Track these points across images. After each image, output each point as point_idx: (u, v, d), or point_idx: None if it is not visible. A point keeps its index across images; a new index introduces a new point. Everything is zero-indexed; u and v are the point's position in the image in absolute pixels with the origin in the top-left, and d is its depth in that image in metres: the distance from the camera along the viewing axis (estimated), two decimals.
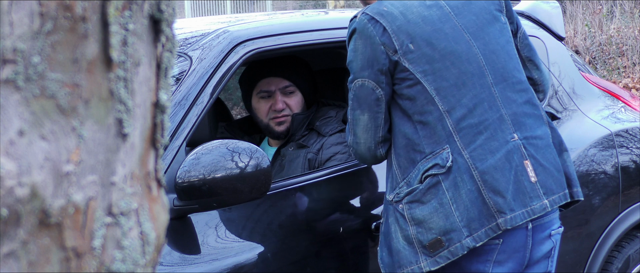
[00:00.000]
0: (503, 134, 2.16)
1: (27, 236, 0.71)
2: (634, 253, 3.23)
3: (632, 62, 9.20)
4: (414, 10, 2.17)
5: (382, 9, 2.16)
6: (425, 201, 2.13)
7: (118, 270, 0.79)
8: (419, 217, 2.13)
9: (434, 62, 2.14)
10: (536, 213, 2.14)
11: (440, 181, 2.11)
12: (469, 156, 2.12)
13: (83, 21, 0.73)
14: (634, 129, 3.24)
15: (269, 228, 2.45)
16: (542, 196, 2.16)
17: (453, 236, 2.10)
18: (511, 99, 2.21)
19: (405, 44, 2.13)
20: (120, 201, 0.79)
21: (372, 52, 2.14)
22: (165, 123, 0.87)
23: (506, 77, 2.22)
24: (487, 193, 2.10)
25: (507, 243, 2.14)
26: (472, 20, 2.22)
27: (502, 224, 2.10)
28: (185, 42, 2.64)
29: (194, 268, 2.22)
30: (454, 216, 2.10)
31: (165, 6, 0.83)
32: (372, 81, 2.15)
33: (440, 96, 2.13)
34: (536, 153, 2.19)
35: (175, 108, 2.37)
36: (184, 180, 2.18)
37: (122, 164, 0.79)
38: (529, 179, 2.16)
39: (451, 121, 2.13)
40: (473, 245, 2.10)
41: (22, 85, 0.70)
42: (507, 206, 2.11)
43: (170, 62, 0.87)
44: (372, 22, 2.14)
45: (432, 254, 2.12)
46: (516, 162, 2.15)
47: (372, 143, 2.23)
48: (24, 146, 0.70)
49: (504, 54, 2.24)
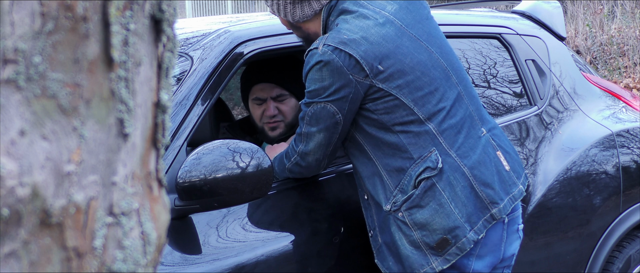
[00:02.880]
0: (475, 130, 2.27)
1: (28, 236, 0.71)
2: (635, 254, 3.23)
3: (633, 62, 9.19)
4: (373, 32, 2.17)
5: (343, 38, 2.14)
6: (424, 205, 2.20)
7: (119, 270, 0.79)
8: (421, 221, 2.20)
9: (406, 76, 2.19)
10: (517, 198, 2.28)
11: (435, 184, 2.19)
12: (456, 155, 2.21)
13: (84, 21, 0.73)
14: (635, 129, 3.24)
15: (270, 227, 2.45)
16: (516, 182, 2.30)
17: (458, 233, 2.19)
18: (472, 95, 2.33)
19: (374, 66, 2.15)
20: (122, 201, 0.79)
21: (340, 82, 2.13)
22: (167, 123, 0.87)
23: (463, 76, 2.33)
24: (478, 187, 2.21)
25: (488, 237, 2.25)
26: (420, 29, 2.27)
27: (496, 214, 2.22)
28: (186, 42, 2.64)
29: (195, 268, 2.22)
30: (455, 214, 2.19)
31: (166, 6, 0.83)
32: (335, 107, 2.17)
33: (418, 106, 2.20)
34: (500, 142, 2.33)
35: (176, 108, 2.37)
36: (185, 179, 2.18)
37: (123, 164, 0.79)
38: (504, 168, 2.29)
39: (433, 125, 2.20)
40: (476, 238, 2.20)
41: (23, 85, 0.70)
42: (497, 196, 2.23)
43: (171, 62, 0.87)
44: (336, 52, 2.12)
45: (441, 253, 2.21)
46: (492, 154, 2.27)
47: (322, 156, 2.28)
48: (25, 146, 0.70)
49: (452, 53, 2.35)
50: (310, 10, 2.25)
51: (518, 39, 3.19)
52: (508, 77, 3.13)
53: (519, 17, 3.36)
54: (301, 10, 2.25)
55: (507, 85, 3.12)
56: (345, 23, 2.18)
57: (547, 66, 3.19)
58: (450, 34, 3.07)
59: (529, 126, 3.03)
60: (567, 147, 3.05)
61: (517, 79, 3.13)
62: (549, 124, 3.07)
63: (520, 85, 3.12)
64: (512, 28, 3.22)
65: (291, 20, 2.29)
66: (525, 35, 3.23)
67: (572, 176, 3.01)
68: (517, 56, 3.15)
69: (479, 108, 2.33)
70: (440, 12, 3.45)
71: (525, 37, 3.21)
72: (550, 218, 2.94)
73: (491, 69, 3.13)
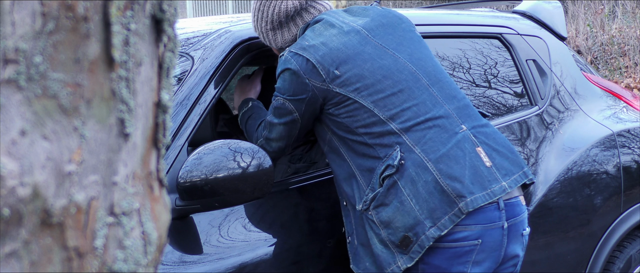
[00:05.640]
0: (451, 126, 2.27)
1: (29, 236, 0.71)
2: (636, 254, 3.23)
3: (634, 62, 9.19)
4: (334, 39, 2.31)
5: (304, 44, 2.30)
6: (388, 203, 2.22)
7: (120, 269, 0.79)
8: (385, 219, 2.23)
9: (365, 79, 2.27)
10: (497, 194, 2.23)
11: (396, 181, 2.21)
12: (421, 150, 2.22)
13: (85, 21, 0.73)
14: (635, 129, 3.24)
15: (271, 227, 2.45)
16: (500, 179, 2.26)
17: (418, 230, 2.19)
18: (451, 96, 2.34)
19: (330, 71, 2.26)
20: (122, 201, 0.79)
21: (297, 85, 2.28)
22: (167, 123, 0.87)
23: (439, 78, 2.36)
24: (444, 181, 2.19)
25: (486, 243, 2.23)
26: (390, 39, 2.37)
27: (463, 207, 2.18)
28: (187, 42, 2.64)
29: (196, 268, 2.22)
30: (415, 210, 2.19)
31: (167, 6, 0.83)
32: (293, 106, 2.30)
33: (379, 107, 2.25)
34: (487, 139, 2.31)
35: (177, 108, 2.37)
36: (186, 179, 2.18)
37: (124, 164, 0.79)
38: (484, 164, 2.25)
39: (396, 124, 2.24)
40: (438, 234, 2.18)
41: (24, 85, 0.70)
42: (466, 189, 2.20)
43: (172, 62, 0.87)
44: (296, 57, 2.28)
45: (406, 251, 2.22)
46: (469, 149, 2.25)
47: (284, 145, 2.39)
48: (25, 146, 0.70)
49: (429, 60, 2.39)
50: (289, 35, 2.43)
51: (519, 39, 3.19)
52: (509, 77, 3.13)
53: (520, 17, 3.36)
54: (281, 36, 2.43)
55: (508, 85, 3.12)
56: (311, 31, 2.35)
57: (548, 66, 3.19)
58: (451, 34, 3.08)
59: (530, 126, 3.03)
60: (568, 147, 3.05)
61: (518, 79, 3.13)
62: (549, 124, 3.07)
63: (521, 85, 3.12)
64: (512, 28, 3.22)
65: (275, 46, 2.46)
66: (526, 35, 3.23)
67: (573, 176, 3.01)
68: (518, 55, 3.15)
69: (462, 108, 2.33)
70: (440, 12, 3.45)
71: (526, 37, 3.21)
72: (551, 218, 2.94)
73: (492, 69, 3.13)
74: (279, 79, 2.33)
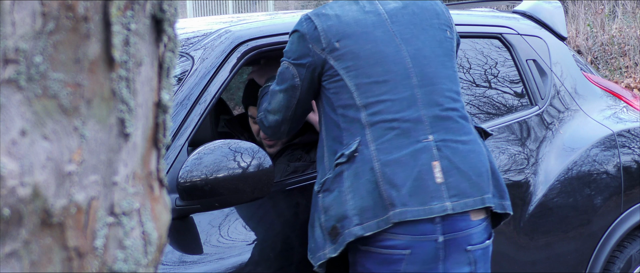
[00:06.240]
0: (416, 133, 2.21)
1: (29, 236, 0.71)
2: (636, 254, 3.23)
3: (634, 62, 9.19)
4: (350, 14, 2.30)
5: (321, 11, 2.32)
6: (332, 189, 2.22)
7: (120, 269, 0.79)
8: (325, 204, 2.23)
9: (358, 60, 2.25)
10: (434, 213, 2.15)
11: (343, 171, 2.20)
12: (375, 149, 2.18)
13: (85, 21, 0.73)
14: (636, 129, 3.24)
15: (271, 227, 2.45)
16: (445, 198, 2.17)
17: (345, 223, 2.18)
18: (435, 102, 2.25)
19: (331, 42, 2.26)
20: (122, 201, 0.79)
21: (301, 48, 2.29)
22: (167, 123, 0.87)
23: (434, 82, 2.27)
24: (383, 185, 2.15)
25: (416, 254, 2.17)
26: (408, 29, 2.32)
27: (392, 217, 2.13)
28: (187, 42, 2.64)
29: (196, 268, 2.22)
30: (349, 204, 2.17)
31: (167, 6, 0.83)
32: (295, 70, 2.30)
33: (359, 91, 2.23)
34: (452, 155, 2.21)
35: (177, 108, 2.37)
36: (186, 179, 2.18)
37: (124, 164, 0.79)
38: (433, 179, 2.17)
39: (365, 115, 2.21)
40: (361, 233, 2.15)
41: (24, 85, 0.70)
42: (400, 200, 2.14)
43: (172, 62, 0.87)
44: (307, 21, 2.30)
45: (333, 241, 2.21)
46: (422, 161, 2.17)
47: (281, 118, 2.37)
48: (26, 146, 0.70)
49: (437, 62, 2.30)
50: None
51: (519, 39, 3.19)
52: (509, 77, 3.13)
53: (520, 17, 3.36)
54: None
55: (508, 85, 3.12)
56: (335, 3, 2.34)
57: (548, 66, 3.19)
58: None
59: (530, 126, 3.03)
60: (568, 147, 3.05)
61: (518, 79, 3.13)
62: (550, 124, 3.07)
63: (521, 85, 3.12)
64: (513, 28, 3.22)
65: None
66: (526, 35, 3.23)
67: (573, 176, 3.01)
68: (518, 55, 3.15)
69: (440, 117, 2.24)
70: None
71: (526, 37, 3.21)
72: (551, 218, 2.94)
73: (492, 69, 3.13)
74: (288, 41, 2.35)
